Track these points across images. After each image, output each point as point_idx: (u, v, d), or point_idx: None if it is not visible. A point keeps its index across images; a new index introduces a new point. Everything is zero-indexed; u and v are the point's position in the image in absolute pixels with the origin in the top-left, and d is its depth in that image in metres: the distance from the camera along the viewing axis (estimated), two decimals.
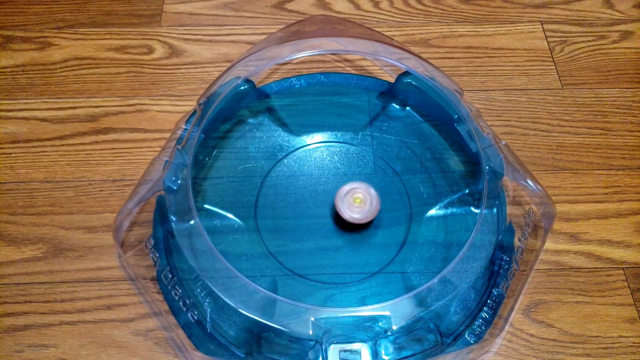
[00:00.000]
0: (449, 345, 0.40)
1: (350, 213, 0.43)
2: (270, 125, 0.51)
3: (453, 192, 0.48)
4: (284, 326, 0.37)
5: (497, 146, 0.45)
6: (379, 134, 0.51)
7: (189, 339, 0.40)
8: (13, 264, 0.45)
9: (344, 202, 0.44)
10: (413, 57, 0.49)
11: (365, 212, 0.44)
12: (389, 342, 0.39)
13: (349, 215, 0.43)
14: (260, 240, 0.45)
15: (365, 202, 0.44)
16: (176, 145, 0.45)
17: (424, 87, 0.50)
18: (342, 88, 0.54)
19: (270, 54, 0.47)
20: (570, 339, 0.42)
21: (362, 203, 0.44)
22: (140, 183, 0.44)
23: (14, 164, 0.49)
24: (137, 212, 0.46)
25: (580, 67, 0.57)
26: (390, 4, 0.62)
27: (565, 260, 0.46)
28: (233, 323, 0.41)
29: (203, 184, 0.48)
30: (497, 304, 0.42)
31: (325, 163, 0.49)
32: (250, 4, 0.61)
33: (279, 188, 0.48)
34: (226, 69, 0.48)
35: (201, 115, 0.45)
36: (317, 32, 0.51)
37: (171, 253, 0.43)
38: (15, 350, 0.41)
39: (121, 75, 0.55)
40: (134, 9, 0.60)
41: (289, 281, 0.43)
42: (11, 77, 0.55)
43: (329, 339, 0.37)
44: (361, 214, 0.43)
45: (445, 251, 0.45)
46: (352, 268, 0.44)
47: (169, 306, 0.42)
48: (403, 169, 0.49)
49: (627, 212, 0.48)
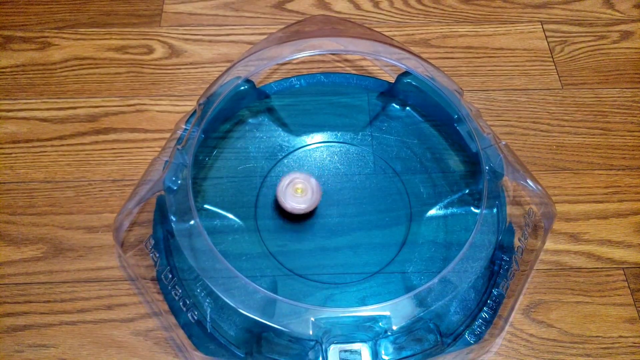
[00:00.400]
0: (449, 346, 0.40)
1: (292, 204, 0.44)
2: (270, 125, 0.51)
3: (453, 192, 0.48)
4: (284, 326, 0.37)
5: (497, 146, 0.45)
6: (379, 134, 0.51)
7: (189, 339, 0.40)
8: (13, 264, 0.45)
9: (285, 194, 0.44)
10: (413, 57, 0.49)
11: (308, 202, 0.44)
12: (389, 342, 0.39)
13: (291, 206, 0.44)
14: (260, 240, 0.45)
15: (307, 192, 0.44)
16: (176, 145, 0.45)
17: (424, 87, 0.50)
18: (342, 88, 0.54)
19: (270, 54, 0.47)
20: (570, 339, 0.42)
21: (304, 193, 0.44)
22: (140, 183, 0.44)
23: (14, 164, 0.49)
24: (137, 212, 0.46)
25: (580, 67, 0.57)
26: (390, 4, 0.62)
27: (565, 260, 0.46)
28: (233, 323, 0.41)
29: (203, 184, 0.48)
30: (497, 304, 0.42)
31: (325, 163, 0.49)
32: (250, 4, 0.61)
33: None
34: (226, 69, 0.48)
35: (201, 115, 0.45)
36: (317, 32, 0.51)
37: (171, 253, 0.43)
38: (15, 350, 0.41)
39: (121, 75, 0.55)
40: (134, 9, 0.60)
41: (289, 281, 0.43)
42: (11, 77, 0.55)
43: (329, 339, 0.37)
44: (304, 204, 0.44)
45: (445, 251, 0.45)
46: (352, 268, 0.44)
47: (169, 306, 0.42)
48: (403, 169, 0.49)
49: (627, 212, 0.48)
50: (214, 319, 0.41)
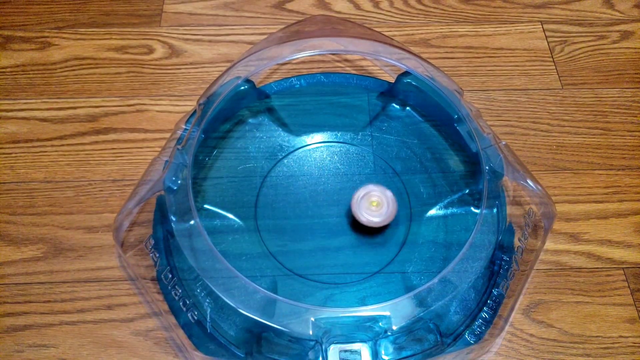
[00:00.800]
0: (449, 345, 0.40)
1: (367, 217, 0.43)
2: (270, 125, 0.51)
3: (453, 192, 0.48)
4: (284, 326, 0.37)
5: (497, 146, 0.45)
6: (379, 134, 0.51)
7: (189, 339, 0.40)
8: (13, 264, 0.45)
9: (360, 206, 0.43)
10: (413, 57, 0.49)
11: (383, 215, 0.43)
12: (389, 342, 0.39)
13: (367, 219, 0.43)
14: (260, 240, 0.45)
15: (382, 205, 0.43)
16: (176, 145, 0.45)
17: (424, 87, 0.50)
18: (342, 88, 0.54)
19: (270, 54, 0.47)
20: (570, 339, 0.42)
21: (379, 206, 0.44)
22: (140, 183, 0.44)
23: (14, 164, 0.49)
24: (137, 212, 0.46)
25: (580, 67, 0.57)
26: (390, 4, 0.62)
27: (565, 260, 0.46)
28: (233, 323, 0.41)
29: (203, 184, 0.48)
30: (497, 304, 0.42)
31: (325, 163, 0.49)
32: (250, 4, 0.61)
33: (279, 188, 0.48)
34: (226, 69, 0.48)
35: (201, 115, 0.45)
36: (317, 32, 0.51)
37: (171, 253, 0.43)
38: (15, 350, 0.41)
39: (121, 75, 0.55)
40: (134, 9, 0.60)
41: (289, 281, 0.43)
42: (11, 77, 0.55)
43: (329, 339, 0.37)
44: (380, 217, 0.43)
45: (445, 251, 0.45)
46: (352, 268, 0.44)
47: (169, 306, 0.42)
48: (403, 169, 0.49)
49: (627, 212, 0.48)
50: (214, 319, 0.41)
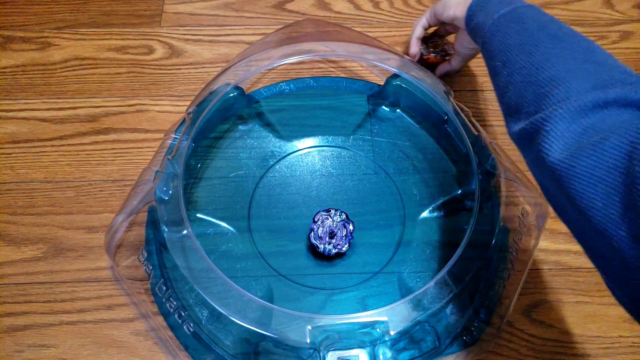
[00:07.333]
0: (447, 347, 0.40)
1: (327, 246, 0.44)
2: (260, 131, 0.51)
3: (446, 193, 0.47)
4: (281, 335, 0.37)
5: (489, 146, 0.45)
6: (370, 137, 0.51)
7: (186, 350, 0.40)
8: (13, 264, 0.45)
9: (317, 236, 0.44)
10: (401, 59, 0.49)
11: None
12: (387, 346, 0.38)
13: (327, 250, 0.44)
14: (254, 247, 0.45)
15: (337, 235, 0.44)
16: (166, 155, 0.45)
17: (413, 88, 0.49)
18: (332, 91, 0.53)
19: (258, 60, 0.47)
20: (570, 339, 0.42)
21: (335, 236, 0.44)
22: (131, 194, 0.44)
23: (14, 164, 0.49)
24: (129, 224, 0.46)
25: None
26: (390, 4, 0.62)
27: (565, 260, 0.46)
28: (229, 333, 0.40)
29: (195, 193, 0.47)
30: (493, 304, 0.42)
31: (317, 167, 0.49)
32: (250, 4, 0.61)
33: (272, 194, 0.47)
34: (213, 77, 0.48)
35: (191, 124, 0.44)
36: (306, 36, 0.51)
37: (164, 264, 0.43)
38: (15, 350, 0.41)
39: (121, 75, 0.55)
40: (134, 9, 0.60)
41: (285, 287, 0.43)
42: (11, 77, 0.55)
43: (327, 346, 0.36)
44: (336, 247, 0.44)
45: (441, 252, 0.45)
46: (350, 268, 0.44)
47: (164, 319, 0.41)
48: (396, 170, 0.49)
49: None
50: (210, 329, 0.40)
